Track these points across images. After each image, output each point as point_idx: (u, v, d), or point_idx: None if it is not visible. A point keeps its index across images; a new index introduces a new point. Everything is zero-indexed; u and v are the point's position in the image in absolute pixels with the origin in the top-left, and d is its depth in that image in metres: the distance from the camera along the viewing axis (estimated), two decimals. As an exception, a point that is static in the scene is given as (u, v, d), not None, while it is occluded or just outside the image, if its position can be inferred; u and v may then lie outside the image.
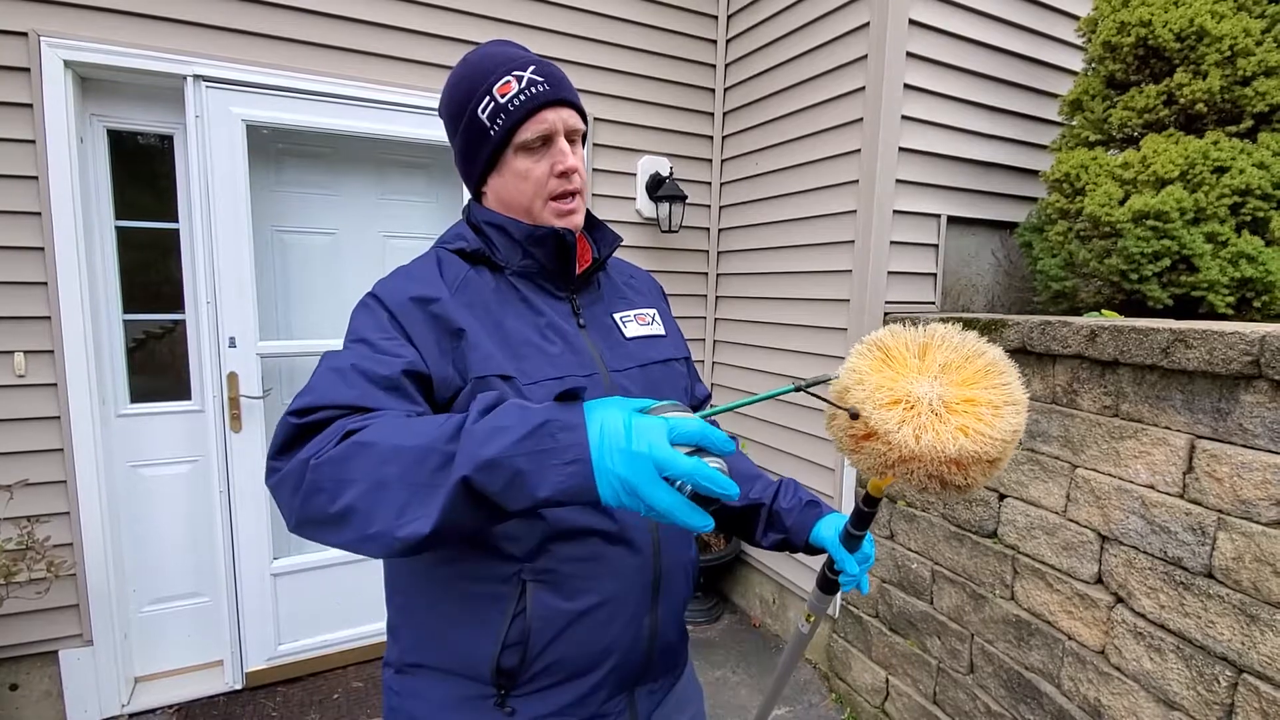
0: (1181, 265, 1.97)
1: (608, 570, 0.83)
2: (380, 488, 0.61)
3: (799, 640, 0.99)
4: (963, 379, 0.67)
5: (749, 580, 3.21)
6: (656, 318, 1.06)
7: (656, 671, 0.94)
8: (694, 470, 0.57)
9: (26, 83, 2.04)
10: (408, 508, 0.60)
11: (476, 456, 0.59)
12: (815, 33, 2.60)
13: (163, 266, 2.47)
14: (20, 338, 2.11)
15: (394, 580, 0.91)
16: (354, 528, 0.62)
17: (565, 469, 0.58)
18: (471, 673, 0.83)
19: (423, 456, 0.61)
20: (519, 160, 0.89)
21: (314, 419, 0.69)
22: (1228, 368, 1.39)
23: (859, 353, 0.72)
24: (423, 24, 2.54)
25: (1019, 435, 0.66)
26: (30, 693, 2.26)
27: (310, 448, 0.66)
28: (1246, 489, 1.39)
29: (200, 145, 2.24)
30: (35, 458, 2.16)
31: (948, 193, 2.51)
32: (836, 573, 0.90)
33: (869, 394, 0.66)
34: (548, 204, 0.91)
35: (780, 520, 1.00)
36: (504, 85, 0.86)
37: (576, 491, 0.58)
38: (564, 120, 0.89)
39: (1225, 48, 1.93)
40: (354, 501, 0.62)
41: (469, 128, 0.90)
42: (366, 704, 2.45)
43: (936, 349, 0.69)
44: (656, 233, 3.08)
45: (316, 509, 0.64)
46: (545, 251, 0.91)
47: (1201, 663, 1.47)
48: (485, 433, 0.60)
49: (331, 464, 0.63)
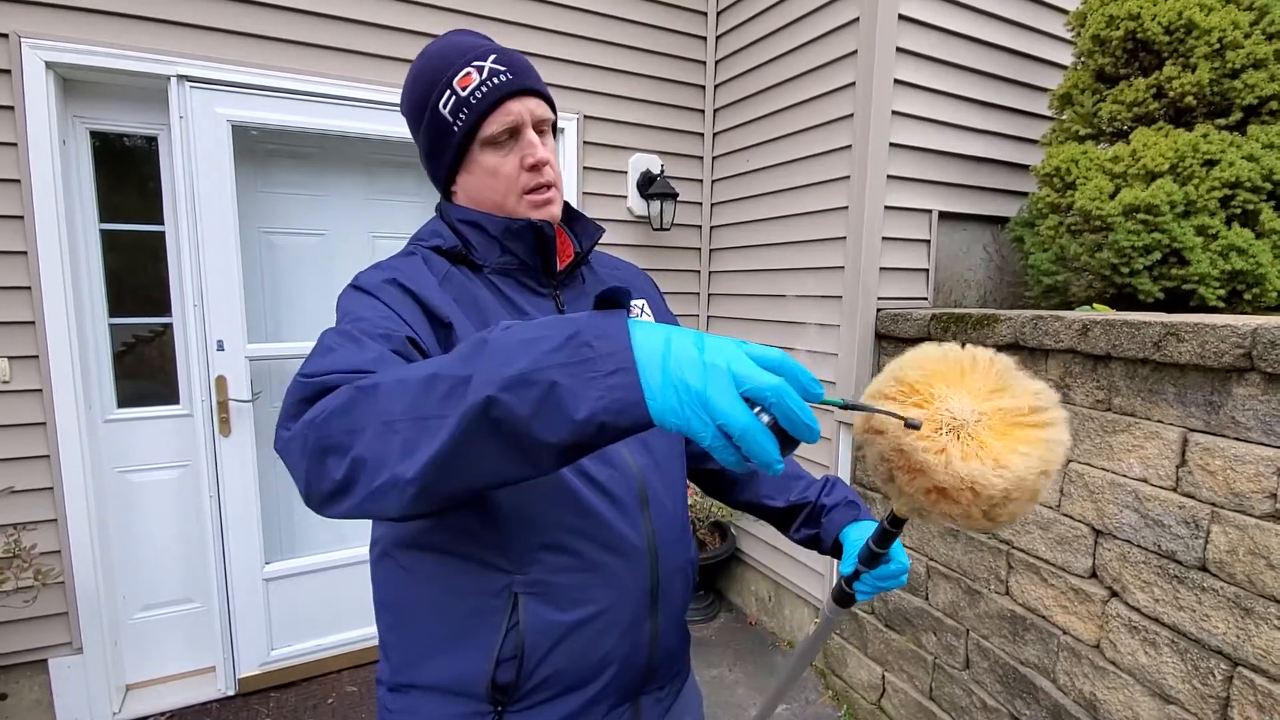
0: (1172, 258, 1.98)
1: (603, 579, 0.80)
2: (388, 429, 0.53)
3: (810, 645, 0.96)
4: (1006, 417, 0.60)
5: (745, 578, 3.20)
6: (645, 308, 1.02)
7: (661, 678, 0.91)
8: (779, 388, 0.47)
9: (8, 84, 2.01)
10: (416, 443, 0.52)
11: (500, 373, 0.50)
12: (805, 28, 2.59)
13: (149, 269, 2.44)
14: (4, 343, 2.08)
15: (383, 598, 0.87)
16: (363, 483, 0.55)
17: (606, 380, 0.48)
18: (466, 691, 0.80)
19: (430, 383, 0.53)
20: (486, 156, 0.85)
21: (326, 379, 0.62)
22: (1220, 361, 1.39)
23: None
24: (410, 22, 2.51)
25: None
26: (20, 702, 2.23)
27: (317, 408, 0.59)
28: (1239, 482, 1.39)
29: (185, 146, 2.21)
30: (21, 464, 2.13)
31: (939, 188, 2.51)
32: (853, 588, 0.85)
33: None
34: (521, 198, 0.87)
35: (818, 516, 0.97)
36: (464, 77, 0.82)
37: (620, 408, 0.48)
38: (531, 110, 0.85)
39: (1214, 40, 1.93)
40: (361, 451, 0.54)
41: (431, 125, 0.86)
42: (361, 708, 2.43)
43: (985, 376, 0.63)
44: (648, 231, 3.07)
45: (322, 473, 0.57)
46: (524, 246, 0.88)
47: (1196, 656, 1.47)
48: (510, 345, 0.52)
49: (335, 415, 0.57)
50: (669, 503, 0.88)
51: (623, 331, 0.50)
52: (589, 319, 0.52)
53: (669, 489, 0.89)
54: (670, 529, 0.87)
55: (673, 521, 0.88)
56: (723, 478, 1.07)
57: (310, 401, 0.61)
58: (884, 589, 0.86)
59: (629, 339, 0.50)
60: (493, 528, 0.77)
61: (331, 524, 2.78)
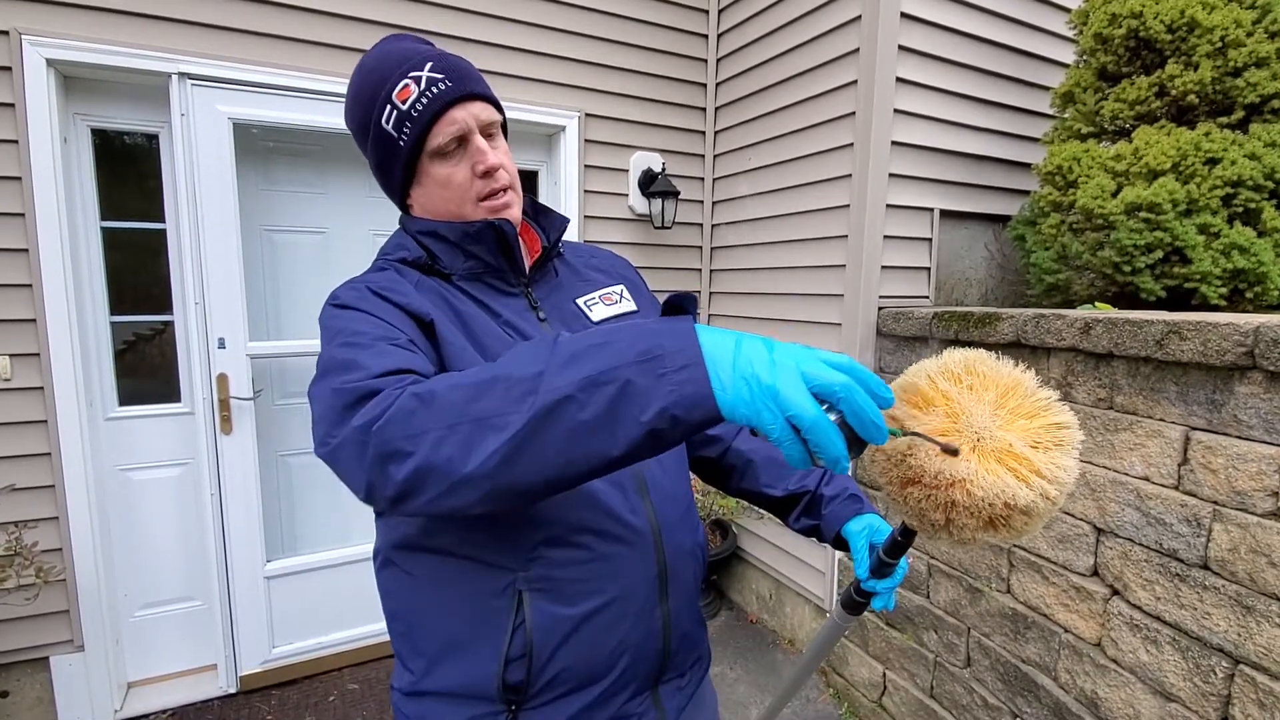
0: (1174, 257, 1.97)
1: (608, 570, 0.79)
2: (452, 431, 0.56)
3: (820, 647, 0.94)
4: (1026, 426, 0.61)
5: (746, 576, 3.20)
6: (625, 293, 1.00)
7: (679, 664, 0.90)
8: (849, 386, 0.50)
9: (9, 82, 2.01)
10: (483, 442, 0.54)
11: (574, 374, 0.53)
12: (807, 26, 2.59)
13: (150, 267, 2.44)
14: (5, 341, 2.08)
15: (390, 606, 0.87)
16: (433, 484, 0.57)
17: (676, 376, 0.51)
18: (478, 693, 0.80)
19: (492, 385, 0.56)
20: (436, 168, 0.84)
21: (366, 384, 0.63)
22: (1222, 359, 1.39)
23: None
24: (410, 19, 2.51)
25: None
26: (22, 699, 2.23)
27: (365, 413, 0.60)
28: (1241, 480, 1.39)
29: (186, 144, 2.21)
30: (22, 462, 2.13)
31: (941, 186, 2.51)
32: (864, 595, 0.84)
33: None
34: (478, 205, 0.86)
35: (818, 507, 0.96)
36: (403, 90, 0.80)
37: (691, 402, 0.51)
38: (475, 116, 0.83)
39: (1216, 39, 1.93)
40: (427, 455, 0.56)
41: (377, 141, 0.84)
42: (362, 706, 2.43)
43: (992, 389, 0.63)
44: (649, 229, 3.07)
45: (385, 477, 0.59)
46: (485, 248, 0.87)
47: (1198, 654, 1.47)
48: (580, 349, 0.54)
49: (394, 422, 0.58)
50: (669, 486, 0.87)
51: (690, 332, 0.53)
52: (657, 323, 0.55)
53: (668, 473, 0.88)
54: (673, 512, 0.87)
55: (675, 504, 0.88)
56: (720, 465, 1.06)
57: (352, 407, 0.62)
58: (887, 603, 0.86)
59: (696, 338, 0.53)
60: (491, 526, 0.77)
61: (333, 522, 2.79)
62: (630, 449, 0.53)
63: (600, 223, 2.99)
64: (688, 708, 0.92)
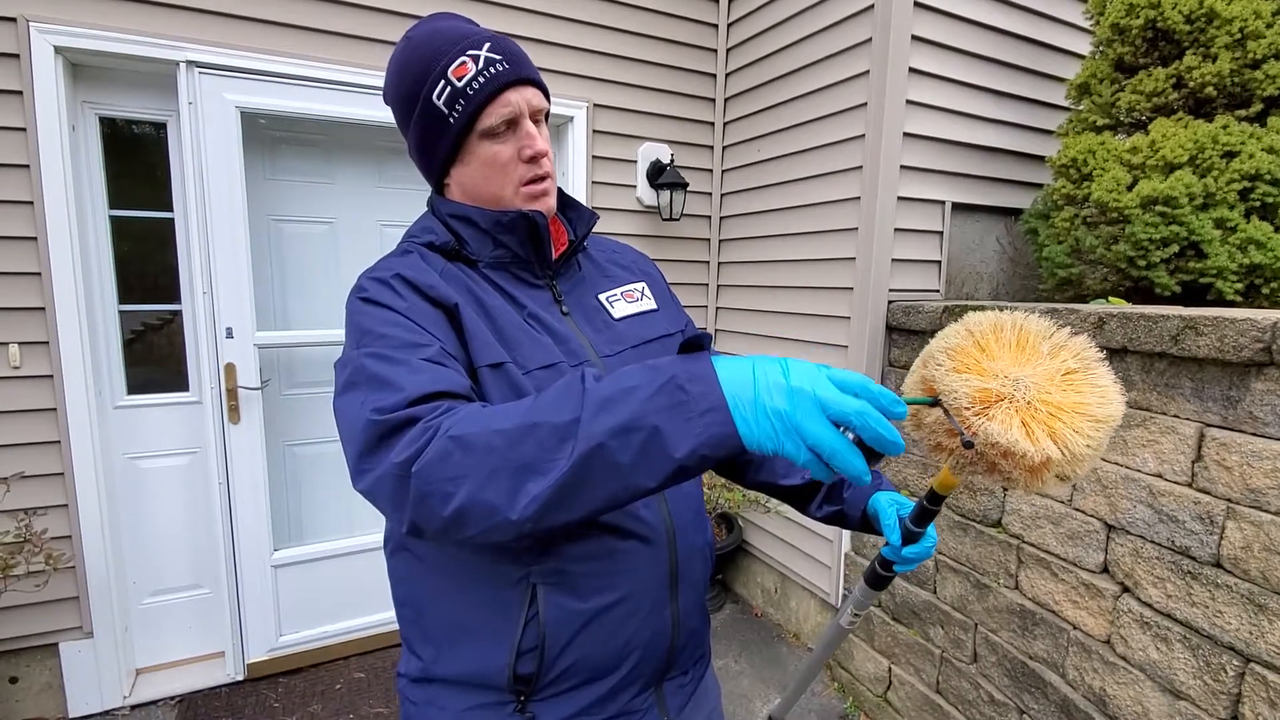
0: (1190, 251, 1.95)
1: (622, 566, 0.80)
2: (493, 476, 0.58)
3: (837, 633, 0.94)
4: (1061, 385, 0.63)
5: (751, 570, 3.20)
6: (646, 291, 1.00)
7: (684, 661, 0.91)
8: (863, 412, 0.53)
9: (16, 69, 2.01)
10: (525, 488, 0.57)
11: (605, 422, 0.56)
12: (818, 15, 2.56)
13: (159, 256, 2.44)
14: (14, 329, 2.09)
15: (400, 593, 0.87)
16: (474, 523, 0.60)
17: (701, 420, 0.55)
18: (487, 683, 0.80)
19: (530, 432, 0.58)
20: (484, 148, 0.83)
21: (400, 415, 0.64)
22: (1239, 355, 1.37)
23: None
24: (423, 7, 2.49)
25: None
26: (31, 685, 2.25)
27: (401, 449, 0.62)
28: (1256, 478, 1.38)
29: (194, 133, 2.20)
30: (32, 450, 2.14)
31: (952, 179, 2.48)
32: (888, 569, 0.84)
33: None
34: (519, 190, 0.86)
35: (839, 492, 0.95)
36: (460, 67, 0.80)
37: (717, 441, 0.55)
38: (528, 101, 0.83)
39: (1235, 30, 1.90)
40: (469, 497, 0.59)
41: (424, 116, 0.83)
42: (369, 694, 2.45)
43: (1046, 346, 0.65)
44: (657, 221, 3.05)
45: (429, 514, 0.61)
46: (516, 238, 0.86)
47: (1209, 652, 1.46)
48: (610, 395, 0.57)
49: (432, 465, 0.60)
50: (683, 486, 0.87)
51: (710, 372, 0.56)
52: (677, 364, 0.58)
53: None
54: (686, 512, 0.87)
55: (688, 504, 0.88)
56: (736, 460, 1.05)
57: (388, 438, 0.64)
58: (911, 568, 0.85)
59: (717, 380, 0.56)
60: None
61: (340, 512, 2.80)
62: (663, 483, 0.57)
63: (608, 214, 2.97)
64: (688, 706, 0.93)
